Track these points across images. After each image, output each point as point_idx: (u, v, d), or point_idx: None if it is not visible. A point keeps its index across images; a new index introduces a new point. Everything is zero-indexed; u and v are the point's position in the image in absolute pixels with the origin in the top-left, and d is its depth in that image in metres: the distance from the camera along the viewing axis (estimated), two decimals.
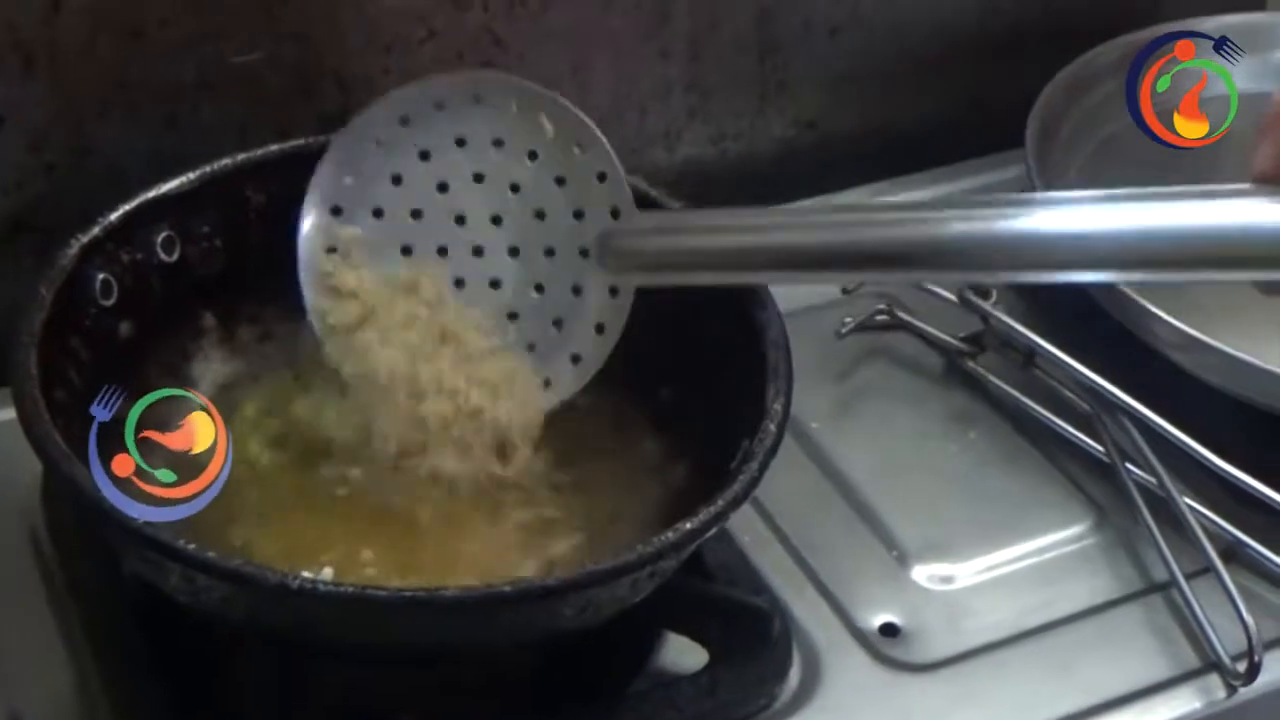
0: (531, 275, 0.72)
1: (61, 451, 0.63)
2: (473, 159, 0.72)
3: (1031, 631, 0.74)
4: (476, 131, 0.71)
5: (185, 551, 0.59)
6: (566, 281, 0.71)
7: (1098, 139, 0.95)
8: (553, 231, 0.71)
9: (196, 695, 0.68)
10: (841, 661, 0.72)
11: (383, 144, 0.72)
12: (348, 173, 0.72)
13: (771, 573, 0.75)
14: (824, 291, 0.89)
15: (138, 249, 0.73)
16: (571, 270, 0.71)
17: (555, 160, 0.71)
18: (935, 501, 0.80)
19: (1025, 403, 0.84)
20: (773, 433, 0.65)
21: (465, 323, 0.71)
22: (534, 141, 0.71)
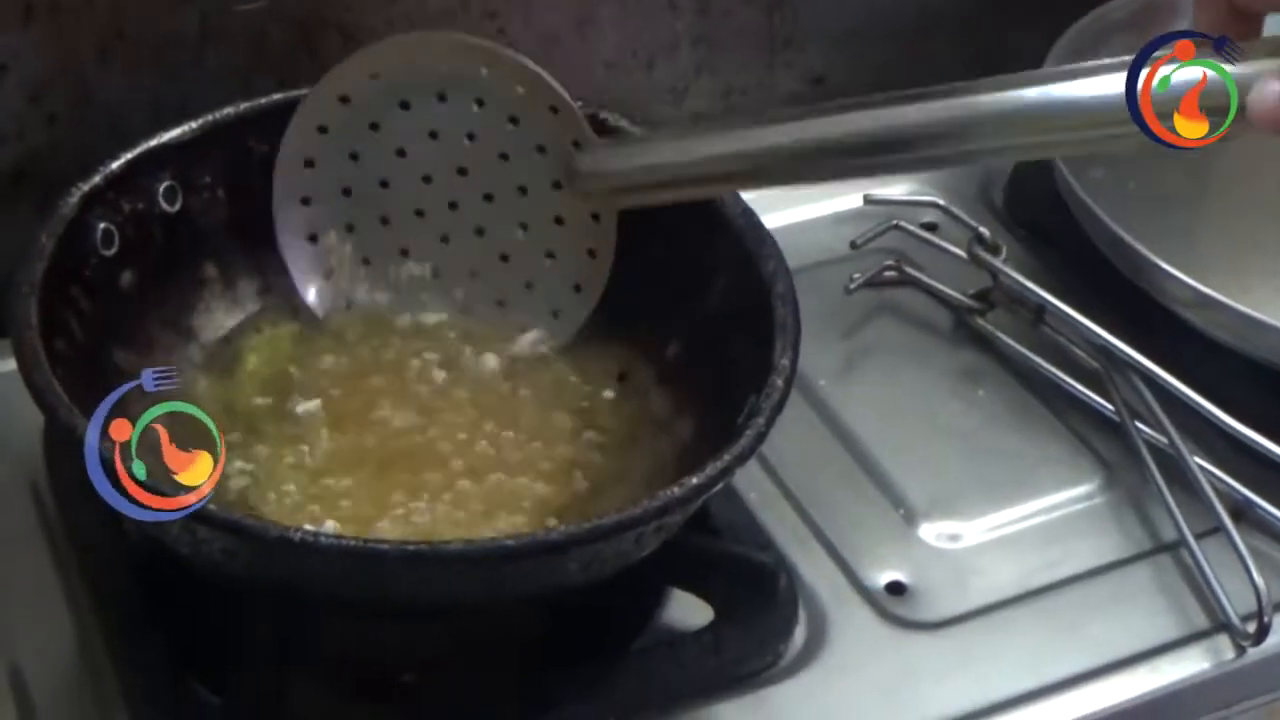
0: (512, 216, 0.73)
1: (62, 401, 0.62)
2: (422, 119, 0.73)
3: (1039, 590, 0.74)
4: (419, 91, 0.72)
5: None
6: (547, 215, 0.73)
7: None
8: (520, 170, 0.72)
9: (197, 649, 0.67)
10: (847, 619, 0.72)
11: (327, 129, 0.73)
12: (307, 166, 0.73)
13: (777, 530, 0.74)
14: (832, 247, 0.88)
15: (139, 198, 0.72)
16: (549, 204, 0.72)
17: (502, 102, 0.72)
18: (943, 459, 0.80)
19: (1034, 360, 0.83)
20: (780, 388, 0.65)
21: None
22: (476, 90, 0.72)
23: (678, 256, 0.73)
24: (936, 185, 0.92)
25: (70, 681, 0.69)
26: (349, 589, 0.61)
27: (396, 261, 0.75)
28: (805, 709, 0.69)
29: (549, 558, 0.59)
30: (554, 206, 0.72)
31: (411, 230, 0.74)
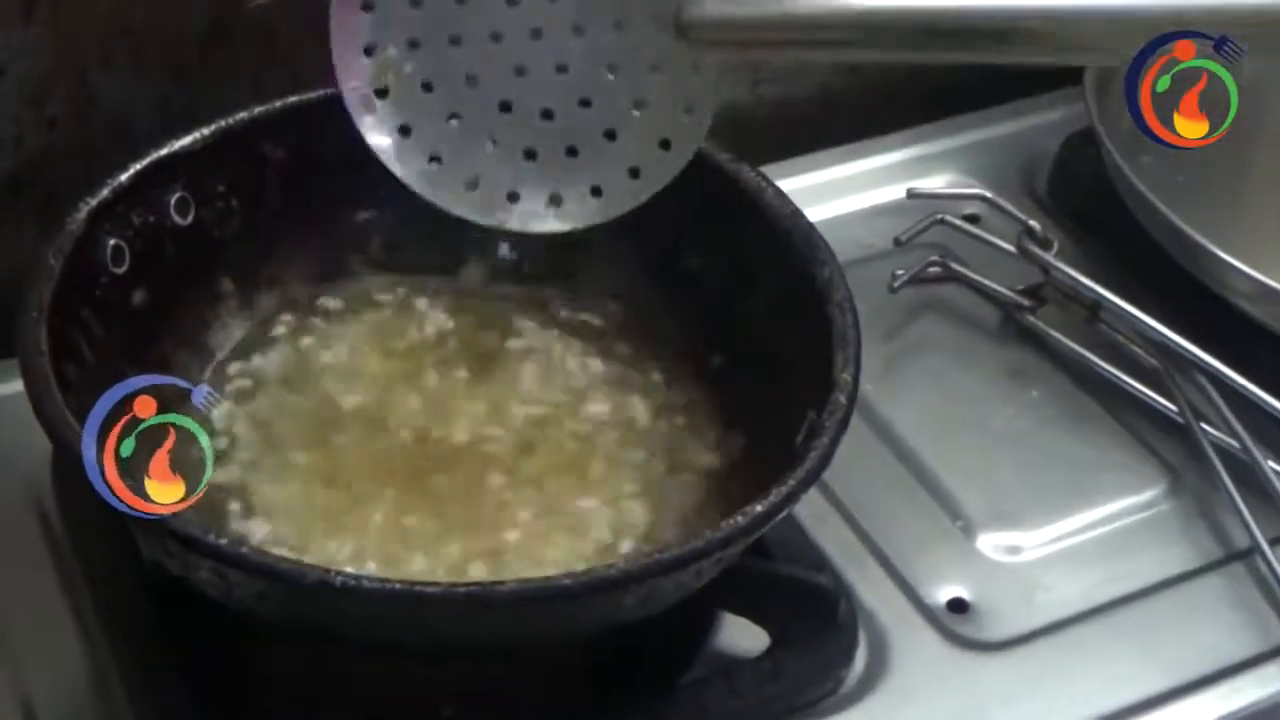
0: (601, 54, 0.66)
1: (74, 432, 0.59)
2: None
3: (1106, 606, 0.71)
4: None
5: (215, 545, 0.55)
6: (642, 59, 0.66)
7: None
8: (619, 2, 0.66)
9: (218, 684, 0.64)
10: (910, 641, 0.69)
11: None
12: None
13: (831, 547, 0.71)
14: (874, 243, 0.85)
15: (150, 211, 0.69)
16: (646, 45, 0.66)
17: None
18: (997, 466, 0.76)
19: (1090, 358, 0.80)
20: (843, 405, 0.61)
21: None
22: None
23: (722, 263, 0.70)
24: (978, 175, 0.89)
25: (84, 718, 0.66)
26: (390, 632, 0.58)
27: (463, 93, 0.68)
28: None
29: (606, 596, 0.56)
30: (651, 50, 0.66)
31: (483, 59, 0.67)
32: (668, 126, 0.67)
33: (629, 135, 0.67)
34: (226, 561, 0.55)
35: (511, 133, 0.68)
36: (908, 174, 0.89)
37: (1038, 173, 0.91)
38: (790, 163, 0.87)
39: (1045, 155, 0.91)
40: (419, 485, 0.67)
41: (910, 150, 0.91)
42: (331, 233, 0.74)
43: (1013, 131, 0.93)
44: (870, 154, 0.91)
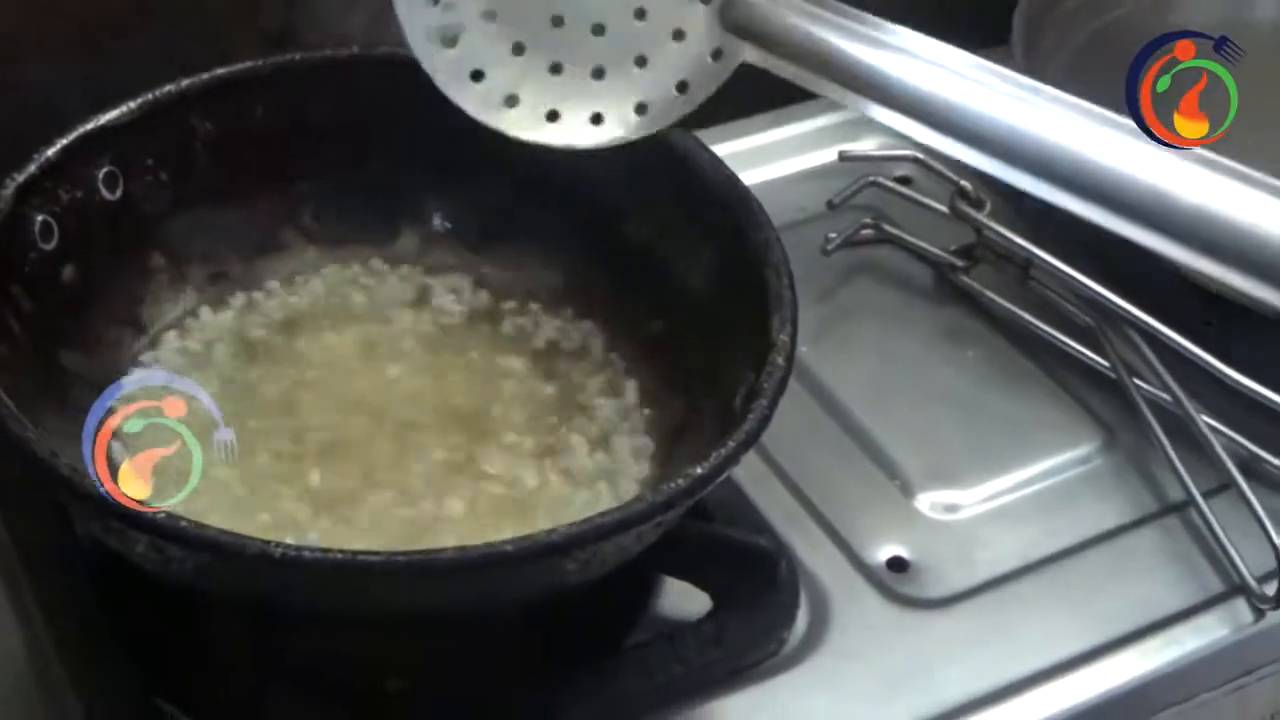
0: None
1: (9, 411, 0.58)
2: None
3: (1045, 560, 0.71)
4: None
5: (155, 520, 0.55)
6: (671, 18, 0.66)
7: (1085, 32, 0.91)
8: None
9: (162, 662, 0.64)
10: (850, 600, 0.69)
11: None
12: None
13: (771, 509, 0.72)
14: (807, 206, 0.86)
15: (78, 187, 0.68)
16: (683, 10, 0.66)
17: None
18: (934, 425, 0.77)
19: (1023, 317, 0.81)
20: (781, 366, 0.62)
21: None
22: None
23: (659, 228, 0.70)
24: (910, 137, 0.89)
25: (25, 704, 0.66)
26: (333, 602, 0.58)
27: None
28: (814, 699, 0.66)
29: (548, 561, 0.56)
30: (684, 15, 0.65)
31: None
32: (651, 93, 0.66)
33: (614, 80, 0.66)
34: (165, 535, 0.55)
35: (546, 51, 0.67)
36: (839, 137, 0.89)
37: None
38: (723, 127, 0.87)
39: None
40: (350, 456, 0.67)
41: (841, 113, 0.91)
42: (263, 205, 0.73)
43: None
44: (802, 117, 0.91)
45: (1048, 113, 0.61)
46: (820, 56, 0.63)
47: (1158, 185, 0.59)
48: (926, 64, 0.63)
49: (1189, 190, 0.58)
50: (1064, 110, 0.61)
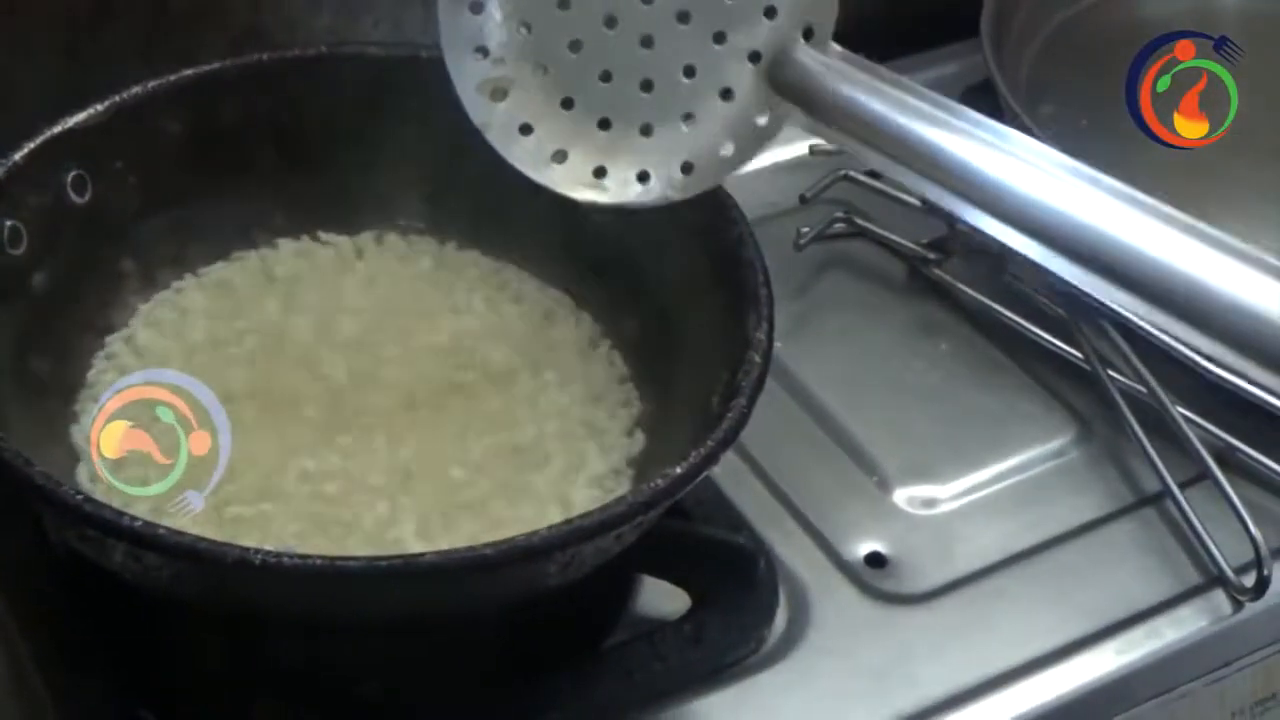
0: (688, 53, 0.64)
1: None
2: None
3: (1023, 554, 0.72)
4: None
5: (132, 528, 0.54)
6: (719, 76, 0.64)
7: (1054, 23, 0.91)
8: (732, 16, 0.64)
9: (142, 672, 0.64)
10: (829, 597, 0.69)
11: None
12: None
13: (749, 507, 0.72)
14: (778, 201, 0.86)
15: (46, 191, 0.67)
16: (732, 69, 0.64)
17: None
18: (910, 420, 0.77)
19: (997, 310, 0.81)
20: (758, 364, 0.62)
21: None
22: None
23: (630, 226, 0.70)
24: None
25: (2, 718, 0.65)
26: (314, 608, 0.58)
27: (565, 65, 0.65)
28: (794, 697, 0.66)
29: (528, 564, 0.56)
30: (734, 76, 0.64)
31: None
32: (698, 154, 0.65)
33: (662, 139, 0.65)
34: (142, 543, 0.55)
35: (595, 106, 0.66)
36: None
37: None
38: None
39: None
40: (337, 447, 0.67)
41: None
42: (233, 206, 0.73)
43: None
44: None
45: (1110, 206, 0.57)
46: (870, 128, 0.62)
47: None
48: (982, 143, 0.61)
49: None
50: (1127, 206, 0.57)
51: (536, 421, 0.68)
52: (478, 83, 0.66)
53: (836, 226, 0.85)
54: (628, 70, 0.65)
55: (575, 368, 0.70)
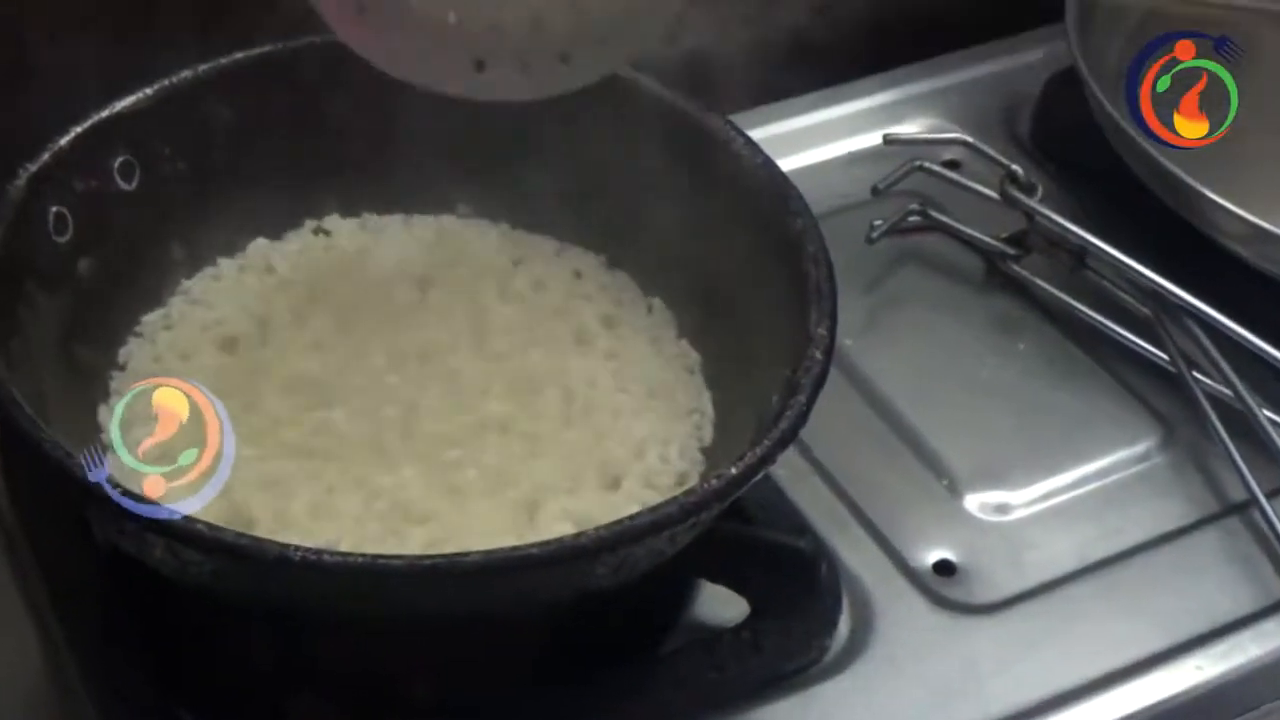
0: None
1: (23, 414, 0.59)
2: None
3: (1099, 564, 0.71)
4: None
5: (171, 524, 0.55)
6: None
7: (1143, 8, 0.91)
8: None
9: (181, 669, 0.64)
10: (895, 605, 0.69)
11: None
12: None
13: (812, 510, 0.72)
14: (850, 193, 0.86)
15: (93, 177, 0.69)
16: None
17: None
18: (983, 421, 0.77)
19: (1077, 308, 0.81)
20: (819, 361, 0.62)
21: None
22: None
23: (691, 216, 0.70)
24: (958, 118, 0.90)
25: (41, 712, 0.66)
26: (355, 607, 0.58)
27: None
28: (856, 709, 0.66)
29: (577, 565, 0.56)
30: None
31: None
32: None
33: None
34: (181, 539, 0.55)
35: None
36: (884, 119, 0.89)
37: (1020, 115, 0.91)
38: (761, 110, 0.88)
39: (1028, 97, 0.91)
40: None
41: (887, 94, 0.92)
42: (285, 194, 0.74)
43: (993, 72, 0.93)
44: (845, 99, 0.91)
45: None
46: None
47: None
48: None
49: None
50: None
51: (596, 411, 0.68)
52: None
53: (910, 219, 0.85)
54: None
55: (643, 359, 0.71)
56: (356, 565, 0.55)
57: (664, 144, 0.71)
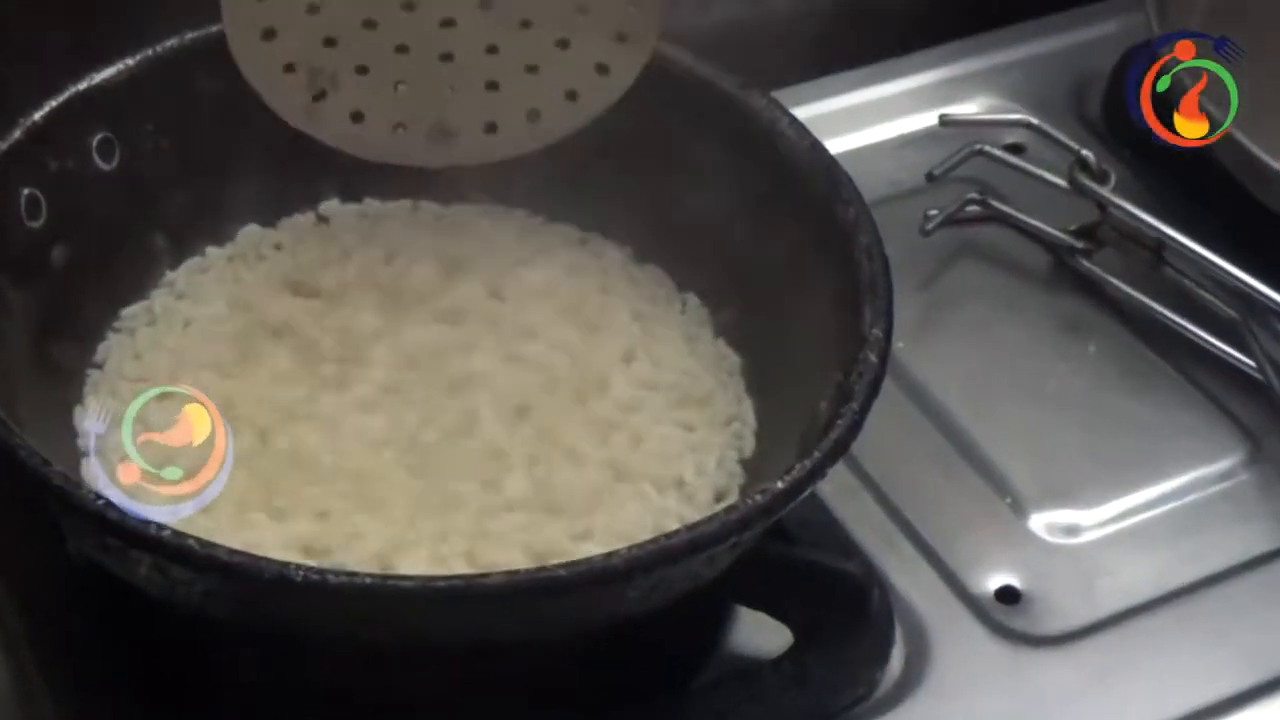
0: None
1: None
2: None
3: (1178, 592, 0.72)
4: None
5: (159, 538, 0.55)
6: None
7: None
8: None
9: (167, 699, 0.65)
10: (953, 636, 0.70)
11: None
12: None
13: (861, 529, 0.72)
14: (902, 179, 0.86)
15: (69, 155, 0.69)
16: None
17: None
18: (1052, 433, 0.77)
19: (1155, 308, 0.81)
20: (874, 365, 0.62)
21: None
22: None
23: (731, 203, 0.71)
24: (1022, 98, 0.90)
25: None
26: (361, 630, 0.58)
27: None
28: None
29: (607, 588, 0.57)
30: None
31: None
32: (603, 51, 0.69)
33: (553, 69, 0.70)
34: (170, 555, 0.56)
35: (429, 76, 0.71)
36: (941, 98, 0.90)
37: (1091, 94, 0.91)
38: (805, 87, 0.88)
39: (1099, 74, 0.91)
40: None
41: (944, 70, 0.92)
42: (279, 173, 0.74)
43: (1062, 47, 0.93)
44: (898, 75, 0.92)
45: None
46: None
47: None
48: None
49: None
50: None
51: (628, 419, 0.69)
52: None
53: (969, 209, 0.85)
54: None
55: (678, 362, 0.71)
56: (363, 586, 0.55)
57: (698, 123, 0.71)
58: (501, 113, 0.70)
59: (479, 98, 0.70)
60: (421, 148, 0.71)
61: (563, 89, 0.70)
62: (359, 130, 0.70)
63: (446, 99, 0.70)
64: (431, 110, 0.70)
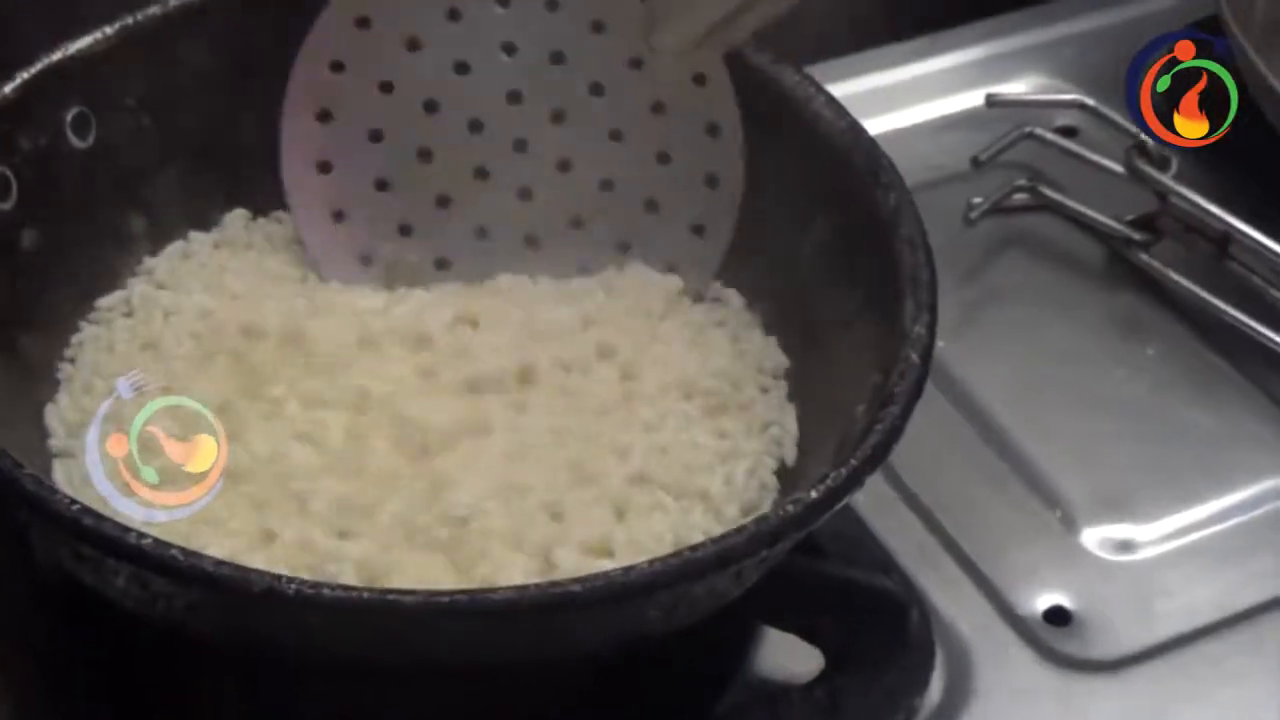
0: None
1: None
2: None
3: (1243, 614, 0.72)
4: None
5: (139, 548, 0.56)
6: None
7: None
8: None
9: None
10: (998, 660, 0.70)
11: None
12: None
13: (899, 544, 0.73)
14: (945, 163, 0.87)
15: (41, 132, 0.70)
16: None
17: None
18: (1104, 441, 0.78)
19: (1218, 306, 0.82)
20: (915, 365, 0.63)
21: None
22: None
23: (763, 189, 0.71)
24: (1075, 77, 0.90)
25: None
26: (358, 649, 0.59)
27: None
28: None
29: (624, 605, 0.57)
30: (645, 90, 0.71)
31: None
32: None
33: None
34: (150, 566, 0.56)
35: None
36: (987, 76, 0.90)
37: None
38: (843, 63, 0.89)
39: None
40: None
41: (991, 46, 0.93)
42: (268, 153, 0.74)
43: (1118, 22, 0.94)
44: (941, 51, 0.93)
45: None
46: None
47: None
48: None
49: None
50: None
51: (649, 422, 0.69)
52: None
53: (1018, 197, 0.86)
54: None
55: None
56: (360, 602, 0.55)
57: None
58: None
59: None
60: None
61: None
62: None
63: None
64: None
